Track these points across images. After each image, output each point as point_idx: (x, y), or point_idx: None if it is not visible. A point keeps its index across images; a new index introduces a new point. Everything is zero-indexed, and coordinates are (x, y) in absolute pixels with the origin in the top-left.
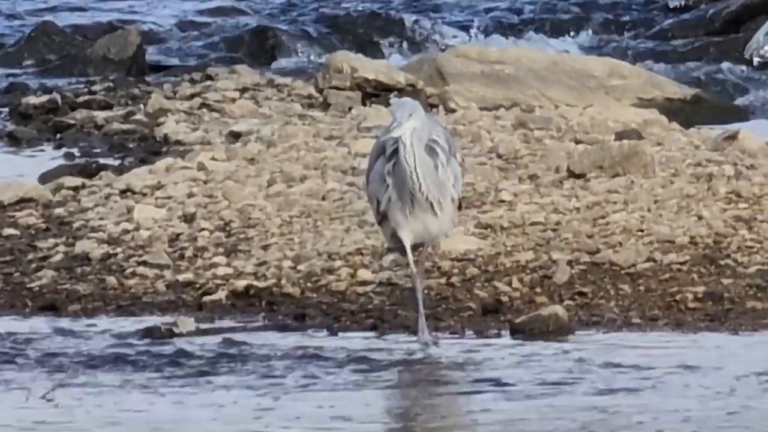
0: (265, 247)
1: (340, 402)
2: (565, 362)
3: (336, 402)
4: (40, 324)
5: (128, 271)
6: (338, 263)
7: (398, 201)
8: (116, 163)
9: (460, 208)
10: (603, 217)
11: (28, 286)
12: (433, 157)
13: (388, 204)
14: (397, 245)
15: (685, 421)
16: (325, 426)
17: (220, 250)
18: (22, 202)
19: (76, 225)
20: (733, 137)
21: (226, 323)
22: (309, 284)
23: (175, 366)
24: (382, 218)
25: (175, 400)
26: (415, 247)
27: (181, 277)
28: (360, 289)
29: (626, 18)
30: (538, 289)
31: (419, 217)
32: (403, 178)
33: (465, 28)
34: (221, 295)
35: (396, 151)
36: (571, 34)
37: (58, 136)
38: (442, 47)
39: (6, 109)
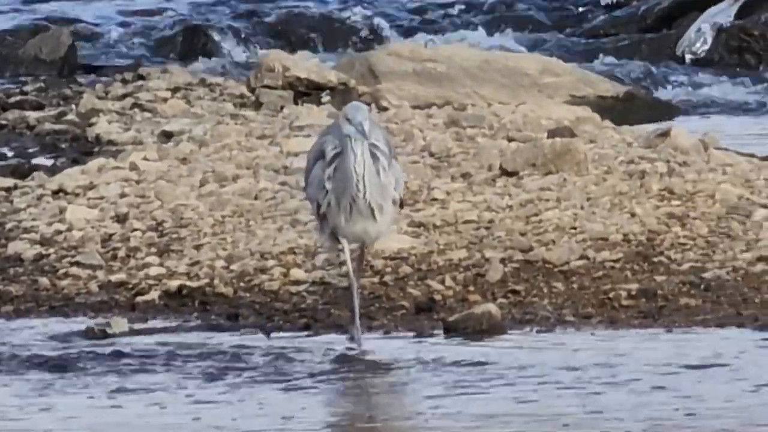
0: (198, 247)
1: (274, 400)
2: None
3: (269, 401)
4: None
5: (61, 271)
6: (271, 263)
7: (337, 206)
8: (49, 163)
9: (401, 206)
10: (536, 215)
11: None
12: (375, 162)
13: (328, 208)
14: (335, 248)
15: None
16: (260, 424)
17: (153, 250)
18: None
19: (8, 226)
20: (665, 134)
21: (159, 323)
22: (242, 284)
23: (109, 366)
24: (322, 220)
25: (110, 401)
26: (357, 253)
27: (113, 278)
28: (293, 289)
29: (558, 15)
30: (471, 288)
31: (358, 222)
32: (346, 185)
33: (398, 26)
34: (154, 295)
35: (336, 156)
36: (504, 31)
37: None
38: (375, 46)
39: None
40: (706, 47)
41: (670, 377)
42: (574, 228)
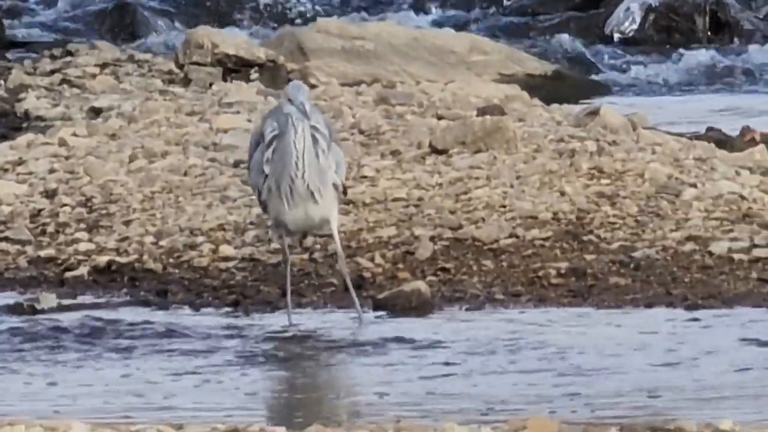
0: (127, 223)
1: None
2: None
3: (198, 377)
4: None
5: None
6: (200, 239)
7: (277, 190)
8: None
9: (345, 193)
10: (465, 193)
11: None
12: (315, 144)
13: (269, 194)
14: (279, 233)
15: None
16: (194, 399)
17: (82, 225)
18: None
19: None
20: (594, 113)
21: (89, 299)
22: (171, 260)
23: (35, 341)
24: (264, 207)
25: (33, 373)
26: (304, 235)
27: (42, 253)
28: (222, 265)
29: None
30: (400, 265)
31: (300, 206)
32: (285, 164)
33: (327, 3)
34: (83, 270)
35: (275, 138)
36: (432, 9)
37: None
38: (304, 22)
39: None
40: (635, 26)
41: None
42: (504, 206)
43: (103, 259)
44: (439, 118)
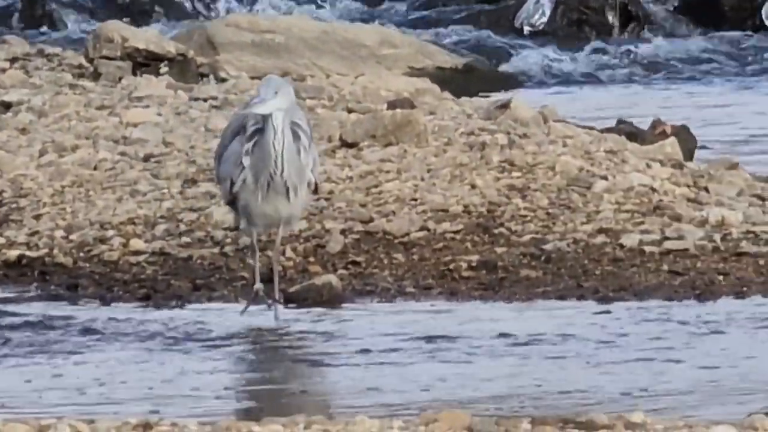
0: (37, 217)
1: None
2: None
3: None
4: None
5: None
6: (111, 233)
7: (253, 183)
8: None
9: (316, 191)
10: (376, 186)
11: None
12: (296, 141)
13: (242, 185)
14: (245, 227)
15: None
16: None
17: None
18: None
19: None
20: (505, 106)
21: None
22: (81, 254)
23: None
24: (233, 200)
25: None
26: (267, 229)
27: None
28: (133, 259)
29: None
30: (311, 259)
31: (272, 201)
32: (265, 161)
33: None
34: None
35: (257, 131)
36: (342, 2)
37: None
38: (213, 16)
39: None
40: (545, 19)
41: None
42: (415, 199)
43: (13, 254)
44: (350, 111)
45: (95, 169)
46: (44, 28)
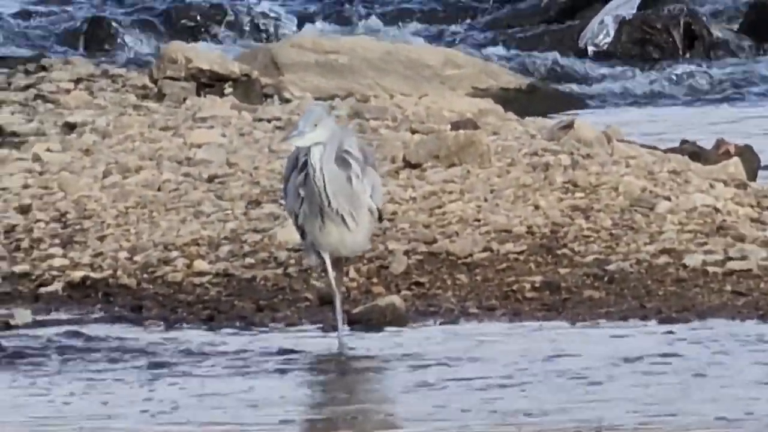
0: (101, 238)
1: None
2: None
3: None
4: None
5: None
6: (174, 254)
7: (311, 215)
8: None
9: (380, 219)
10: (439, 207)
11: None
12: (346, 168)
13: (305, 218)
14: (317, 259)
15: None
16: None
17: (56, 241)
18: None
19: None
20: (568, 126)
21: (63, 315)
22: (145, 275)
23: (12, 358)
24: (302, 232)
25: (12, 394)
26: (337, 260)
27: (17, 269)
28: (196, 280)
29: (460, 6)
30: (375, 279)
31: (333, 230)
32: (313, 193)
33: (301, 16)
34: (57, 286)
35: (306, 164)
36: (406, 23)
37: None
38: (278, 37)
39: None
40: (609, 39)
41: None
42: (478, 220)
43: (77, 275)
44: (413, 132)
45: (159, 190)
46: (108, 49)
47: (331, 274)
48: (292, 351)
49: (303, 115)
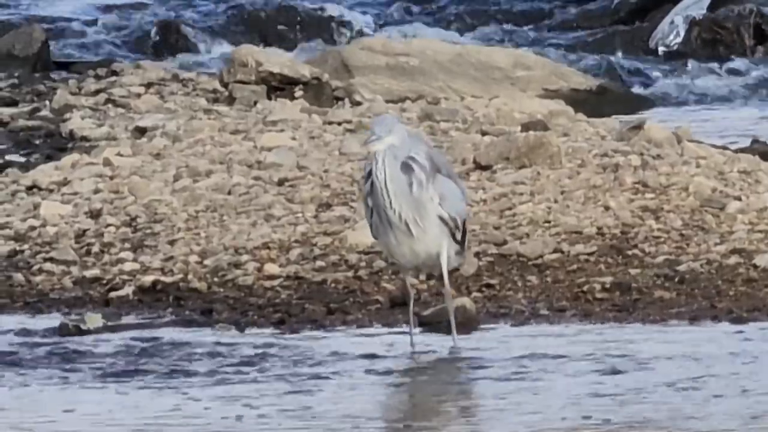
0: (172, 242)
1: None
2: None
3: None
4: None
5: (35, 267)
6: (245, 257)
7: (381, 223)
8: (22, 159)
9: (464, 233)
10: (510, 209)
11: None
12: (408, 174)
13: (376, 229)
14: (394, 267)
15: None
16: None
17: (127, 245)
18: None
19: None
20: (639, 127)
21: (133, 319)
22: (216, 279)
23: (84, 363)
24: (379, 245)
25: (92, 397)
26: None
27: (87, 273)
28: (267, 284)
29: (531, 8)
30: None
31: (402, 240)
32: (378, 199)
33: (371, 20)
34: (128, 290)
35: (371, 172)
36: (476, 24)
37: None
38: (348, 39)
39: None
40: (679, 39)
41: None
42: (548, 221)
43: (148, 279)
44: (483, 134)
45: (229, 193)
46: (179, 53)
47: (408, 279)
48: (374, 356)
49: (376, 122)
